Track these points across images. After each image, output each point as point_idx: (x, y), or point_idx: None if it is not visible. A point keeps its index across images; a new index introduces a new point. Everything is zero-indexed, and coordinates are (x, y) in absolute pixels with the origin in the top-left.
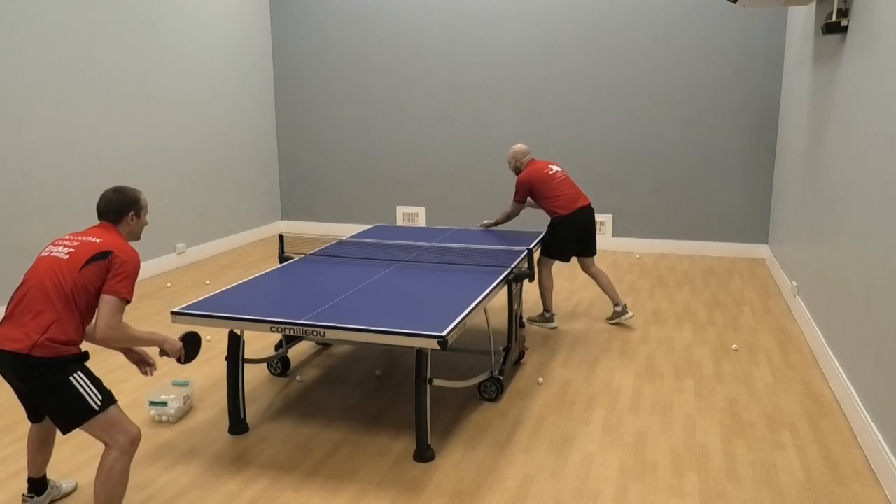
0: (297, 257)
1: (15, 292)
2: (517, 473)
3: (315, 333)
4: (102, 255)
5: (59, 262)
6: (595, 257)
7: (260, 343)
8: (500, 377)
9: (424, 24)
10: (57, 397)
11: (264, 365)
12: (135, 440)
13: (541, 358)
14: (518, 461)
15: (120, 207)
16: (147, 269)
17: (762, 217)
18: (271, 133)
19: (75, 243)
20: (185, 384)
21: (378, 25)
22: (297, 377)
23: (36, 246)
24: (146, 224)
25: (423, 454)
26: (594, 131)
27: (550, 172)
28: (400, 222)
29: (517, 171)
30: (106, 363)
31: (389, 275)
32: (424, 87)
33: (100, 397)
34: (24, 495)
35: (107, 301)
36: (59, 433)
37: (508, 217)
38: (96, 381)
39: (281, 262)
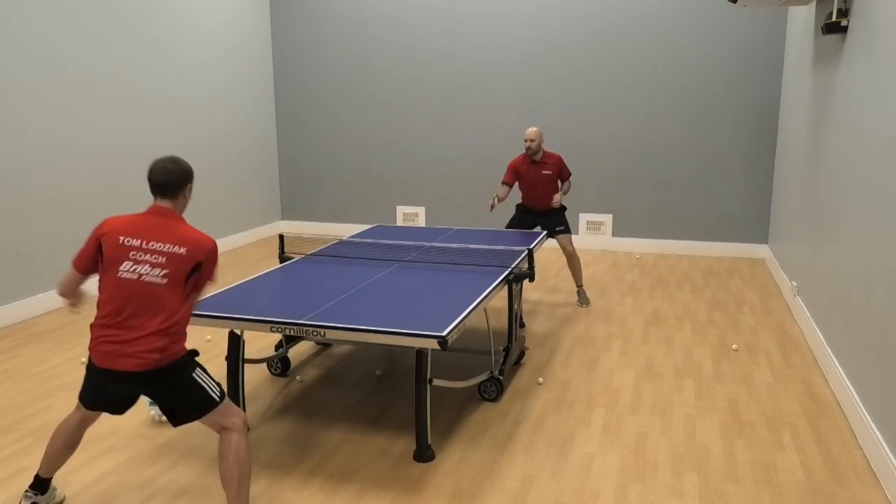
0: (297, 257)
1: (105, 319)
2: (517, 473)
3: (315, 333)
4: (196, 268)
5: (160, 290)
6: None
7: (260, 343)
8: (500, 377)
9: (424, 24)
10: (182, 393)
11: (264, 365)
12: (245, 420)
13: (541, 358)
14: (518, 461)
15: (180, 180)
16: None
17: (762, 217)
18: (271, 133)
19: (161, 259)
20: None
21: (378, 25)
22: (297, 377)
23: (36, 246)
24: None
25: (423, 454)
26: (594, 131)
27: None
28: (400, 222)
29: (538, 149)
30: None
31: (389, 275)
32: (424, 87)
33: (217, 388)
34: (26, 491)
35: (201, 290)
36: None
37: (569, 189)
38: (209, 374)
39: (281, 262)
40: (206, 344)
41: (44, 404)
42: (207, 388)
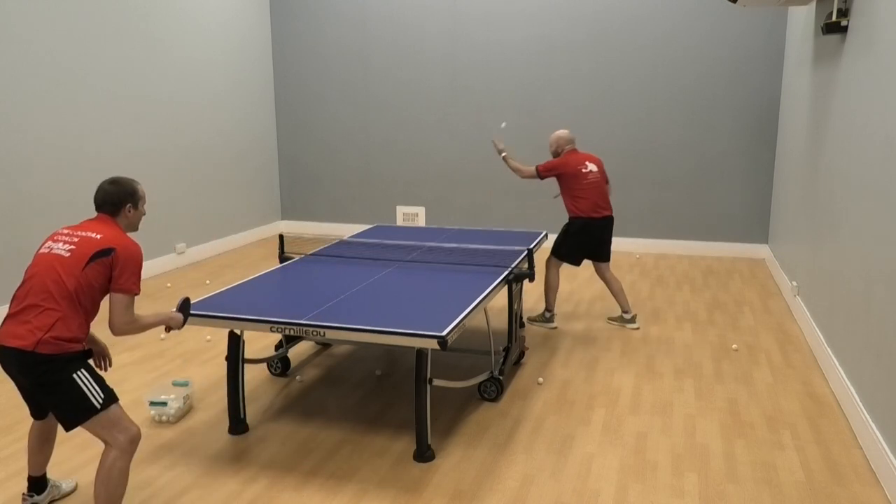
0: (297, 257)
1: (17, 290)
2: (517, 473)
3: (315, 333)
4: (104, 253)
5: (60, 260)
6: (609, 263)
7: (260, 343)
8: (500, 377)
9: (424, 24)
10: (60, 394)
11: (264, 365)
12: (134, 439)
13: (541, 358)
14: (518, 461)
15: (117, 199)
16: (147, 269)
17: (762, 217)
18: (271, 133)
19: (75, 239)
20: (185, 384)
21: (378, 25)
22: (297, 377)
23: (36, 246)
24: (144, 214)
25: (423, 454)
26: (594, 131)
27: (584, 171)
28: (400, 222)
29: (555, 156)
30: None
31: (389, 275)
32: (424, 87)
33: (101, 396)
34: (24, 494)
35: (118, 299)
36: (60, 430)
37: (519, 171)
38: (99, 380)
39: (281, 262)
40: (207, 344)
41: None
42: (89, 392)
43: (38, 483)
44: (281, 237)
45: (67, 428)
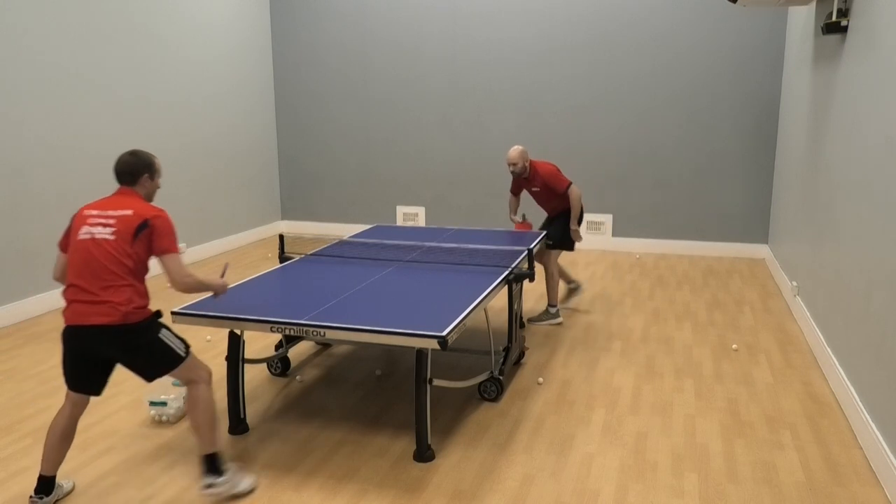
0: (297, 257)
1: (74, 279)
2: (517, 473)
3: (315, 333)
4: (143, 226)
5: (109, 243)
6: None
7: (260, 343)
8: (500, 377)
9: (424, 24)
10: (151, 354)
11: (264, 365)
12: (211, 373)
13: (541, 358)
14: (518, 461)
15: (135, 169)
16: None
17: (762, 217)
18: (271, 133)
19: (111, 221)
20: None
21: (378, 25)
22: (297, 377)
23: (36, 246)
24: (159, 187)
25: (423, 454)
26: (594, 131)
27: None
28: (400, 222)
29: (523, 171)
30: None
31: (389, 275)
32: (424, 87)
33: (183, 346)
34: (31, 497)
35: (169, 259)
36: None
37: (580, 206)
38: (175, 333)
39: (281, 262)
40: (206, 344)
41: (44, 404)
42: (174, 346)
43: (47, 484)
44: (281, 237)
45: (152, 378)
